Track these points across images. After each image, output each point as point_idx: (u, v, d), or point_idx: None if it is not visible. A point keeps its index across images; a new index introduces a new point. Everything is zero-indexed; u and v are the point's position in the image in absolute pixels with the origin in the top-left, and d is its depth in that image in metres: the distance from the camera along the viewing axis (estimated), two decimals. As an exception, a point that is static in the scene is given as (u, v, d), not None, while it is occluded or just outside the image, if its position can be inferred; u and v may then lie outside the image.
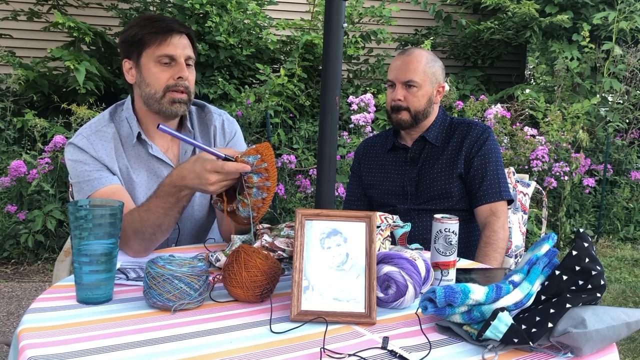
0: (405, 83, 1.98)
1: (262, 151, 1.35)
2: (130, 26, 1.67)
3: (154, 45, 1.61)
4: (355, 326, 1.08)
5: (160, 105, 1.63)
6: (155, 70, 1.62)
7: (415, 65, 1.97)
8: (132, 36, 1.64)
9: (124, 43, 1.66)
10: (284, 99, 4.97)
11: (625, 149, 5.68)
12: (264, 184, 1.36)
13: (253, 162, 1.35)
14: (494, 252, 1.87)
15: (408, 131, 2.06)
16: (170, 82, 1.62)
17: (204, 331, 1.04)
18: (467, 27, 6.40)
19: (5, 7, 5.33)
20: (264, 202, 1.37)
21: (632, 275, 4.28)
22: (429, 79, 1.99)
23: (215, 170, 1.33)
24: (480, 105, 4.96)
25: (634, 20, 5.64)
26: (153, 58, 1.61)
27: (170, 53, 1.61)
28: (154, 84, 1.62)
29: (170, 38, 1.61)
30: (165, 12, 5.16)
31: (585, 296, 1.00)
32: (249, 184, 1.36)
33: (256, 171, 1.35)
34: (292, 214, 4.51)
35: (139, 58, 1.64)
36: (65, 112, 4.50)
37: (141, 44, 1.62)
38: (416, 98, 1.98)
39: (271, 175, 1.36)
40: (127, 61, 1.67)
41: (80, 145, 1.62)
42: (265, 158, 1.35)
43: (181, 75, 1.62)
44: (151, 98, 1.63)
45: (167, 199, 1.44)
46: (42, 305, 1.14)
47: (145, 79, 1.63)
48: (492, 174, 1.96)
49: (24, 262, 4.10)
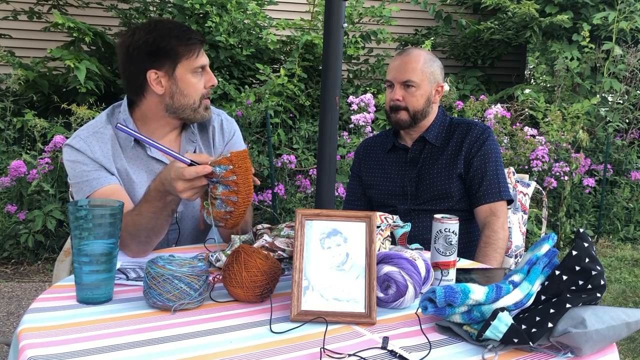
0: (403, 83, 1.98)
1: (236, 162, 1.25)
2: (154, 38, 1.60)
3: (192, 57, 1.63)
4: (355, 326, 1.08)
5: (196, 113, 1.66)
6: (194, 81, 1.64)
7: (414, 65, 1.97)
8: (164, 48, 1.60)
9: (152, 54, 1.60)
10: (284, 99, 4.97)
11: (625, 149, 5.68)
12: (229, 197, 1.26)
13: (220, 172, 1.26)
14: (494, 252, 1.87)
15: (407, 131, 2.06)
16: (204, 90, 1.67)
17: (204, 331, 1.04)
18: (467, 27, 6.40)
19: (5, 7, 5.33)
20: (231, 215, 1.28)
21: (632, 275, 4.28)
22: (427, 78, 1.98)
23: (179, 178, 1.29)
24: (480, 106, 4.96)
25: (634, 20, 5.64)
26: (190, 70, 1.63)
27: (204, 64, 1.66)
28: (192, 94, 1.64)
29: (200, 48, 1.66)
30: (165, 12, 5.16)
31: (585, 296, 1.00)
32: (213, 194, 1.28)
33: (223, 182, 1.26)
34: (292, 214, 4.51)
35: (173, 70, 1.62)
36: (65, 112, 4.49)
37: (177, 56, 1.61)
38: (415, 98, 1.97)
39: (241, 190, 1.25)
40: (156, 72, 1.61)
41: (77, 146, 1.62)
42: (236, 170, 1.25)
43: (213, 83, 1.69)
44: (187, 107, 1.65)
45: (154, 203, 1.43)
46: (42, 305, 1.14)
47: (183, 90, 1.63)
48: (492, 174, 1.96)
49: (24, 262, 4.10)
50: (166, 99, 1.64)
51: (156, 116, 1.68)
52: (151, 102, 1.66)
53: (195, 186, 1.30)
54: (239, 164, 1.26)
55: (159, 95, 1.64)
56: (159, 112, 1.66)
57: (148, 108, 1.67)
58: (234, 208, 1.27)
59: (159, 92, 1.63)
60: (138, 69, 1.62)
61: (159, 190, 1.40)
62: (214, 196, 1.28)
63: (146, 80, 1.62)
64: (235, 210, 1.27)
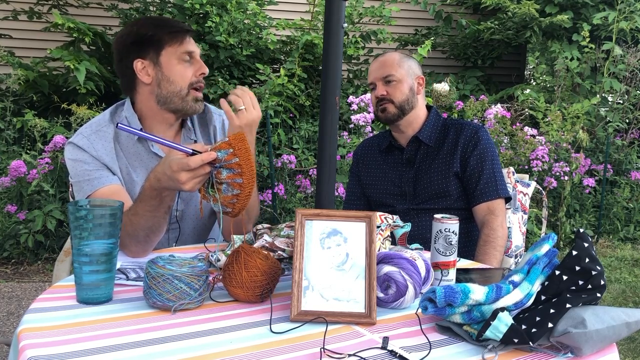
0: (384, 79, 2.04)
1: (235, 145, 1.26)
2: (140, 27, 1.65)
3: (176, 44, 1.63)
4: (355, 326, 1.08)
5: (184, 102, 1.64)
6: (180, 67, 1.63)
7: (391, 62, 2.06)
8: (148, 35, 1.62)
9: (135, 43, 1.64)
10: (284, 99, 4.97)
11: (625, 149, 5.68)
12: (234, 180, 1.27)
13: (222, 156, 1.26)
14: (493, 250, 1.87)
15: (399, 128, 2.08)
16: (194, 79, 1.65)
17: (204, 331, 1.04)
18: (467, 27, 6.40)
19: (5, 7, 5.34)
20: (237, 198, 1.29)
21: (632, 275, 4.28)
22: (405, 72, 2.05)
23: (182, 169, 1.27)
24: (480, 105, 4.96)
25: (634, 20, 5.64)
26: (175, 55, 1.63)
27: (190, 50, 1.64)
28: (179, 80, 1.63)
29: (188, 37, 1.66)
30: (165, 12, 5.16)
31: (585, 296, 1.00)
32: (217, 179, 1.29)
33: (227, 166, 1.27)
34: (292, 214, 4.51)
35: (157, 57, 1.63)
36: (65, 112, 4.50)
37: (160, 42, 1.62)
38: (398, 91, 2.03)
39: (245, 170, 1.26)
40: (141, 60, 1.63)
41: (80, 144, 1.62)
42: (237, 152, 1.26)
43: (203, 71, 1.66)
44: (175, 95, 1.64)
45: (150, 202, 1.42)
46: (42, 305, 1.14)
47: (169, 77, 1.63)
48: (489, 172, 1.97)
49: (24, 262, 4.10)
50: (155, 88, 1.64)
51: (151, 110, 1.68)
52: (143, 95, 1.67)
53: (199, 175, 1.28)
54: (239, 145, 1.26)
55: (148, 85, 1.65)
56: (152, 106, 1.67)
57: (142, 103, 1.68)
58: (240, 190, 1.28)
59: (146, 82, 1.64)
60: (126, 61, 1.65)
61: (155, 188, 1.38)
62: (220, 181, 1.28)
63: (134, 71, 1.64)
64: (242, 192, 1.28)
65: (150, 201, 1.42)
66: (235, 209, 1.30)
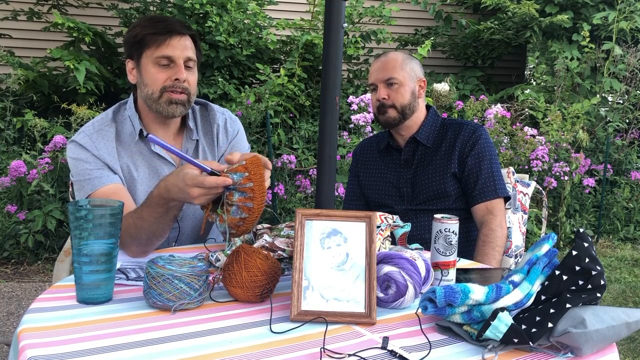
0: (386, 82, 2.01)
1: (251, 169, 1.27)
2: (134, 26, 1.68)
3: (154, 47, 1.61)
4: (355, 326, 1.08)
5: (157, 105, 1.63)
6: (153, 71, 1.62)
7: (393, 64, 2.02)
8: (133, 37, 1.64)
9: (127, 43, 1.68)
10: (284, 99, 4.97)
11: (625, 149, 5.68)
12: (245, 204, 1.27)
13: (238, 180, 1.27)
14: (493, 250, 1.87)
15: (398, 131, 2.07)
16: (168, 83, 1.62)
17: (204, 331, 1.04)
18: (467, 27, 6.40)
19: (5, 7, 5.34)
20: (244, 222, 1.29)
21: (632, 275, 4.28)
22: (408, 75, 2.02)
23: (196, 185, 1.28)
24: (480, 105, 4.96)
25: (634, 20, 5.64)
26: (152, 59, 1.62)
27: (169, 54, 1.61)
28: (151, 84, 1.62)
29: (169, 39, 1.61)
30: (165, 12, 5.16)
31: (585, 296, 1.00)
32: (229, 200, 1.29)
33: (240, 190, 1.27)
34: (292, 214, 4.51)
35: (139, 58, 1.64)
36: (65, 112, 4.50)
37: (142, 44, 1.63)
38: (399, 94, 2.01)
39: (256, 196, 1.27)
40: (130, 61, 1.68)
41: (82, 143, 1.63)
42: (252, 177, 1.27)
43: (178, 77, 1.61)
44: (149, 98, 1.64)
45: (156, 209, 1.42)
46: (42, 305, 1.14)
47: (144, 80, 1.64)
48: (487, 172, 1.97)
49: (24, 262, 4.10)
50: (139, 89, 1.67)
51: (144, 109, 1.70)
52: (136, 94, 1.71)
53: (211, 193, 1.29)
54: (254, 170, 1.27)
55: (135, 86, 1.69)
56: (144, 106, 1.69)
57: (138, 102, 1.72)
58: (248, 214, 1.29)
59: (132, 82, 1.69)
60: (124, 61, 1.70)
61: (163, 197, 1.38)
62: (230, 203, 1.29)
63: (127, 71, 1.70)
64: (250, 217, 1.29)
65: (157, 208, 1.42)
66: (239, 231, 1.31)
